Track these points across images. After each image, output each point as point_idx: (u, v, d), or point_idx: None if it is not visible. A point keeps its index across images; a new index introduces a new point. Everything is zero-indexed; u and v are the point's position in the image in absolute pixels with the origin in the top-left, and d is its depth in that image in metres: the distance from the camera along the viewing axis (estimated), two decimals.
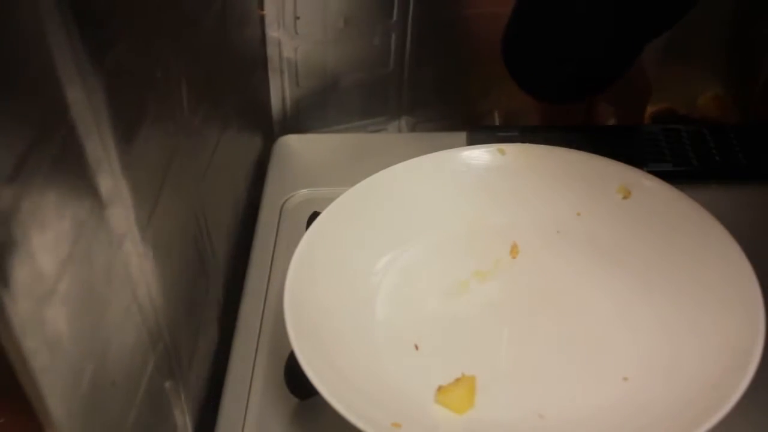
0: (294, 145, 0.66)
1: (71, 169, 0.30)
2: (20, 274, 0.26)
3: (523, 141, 0.56)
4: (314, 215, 0.52)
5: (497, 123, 0.72)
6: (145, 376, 0.38)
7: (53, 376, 0.28)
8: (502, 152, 0.55)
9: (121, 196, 0.34)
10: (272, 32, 0.63)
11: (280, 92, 0.67)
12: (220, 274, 0.53)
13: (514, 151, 0.55)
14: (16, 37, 0.26)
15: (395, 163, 0.53)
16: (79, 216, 0.31)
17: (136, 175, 0.36)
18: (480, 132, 0.62)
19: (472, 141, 0.61)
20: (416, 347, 0.47)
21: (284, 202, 0.60)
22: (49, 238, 0.28)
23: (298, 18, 0.63)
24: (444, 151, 0.55)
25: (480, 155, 0.55)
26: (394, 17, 0.65)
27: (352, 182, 0.52)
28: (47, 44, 0.28)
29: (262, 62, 0.65)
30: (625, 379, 0.44)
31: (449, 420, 0.43)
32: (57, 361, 0.29)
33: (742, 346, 0.41)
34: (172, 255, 0.42)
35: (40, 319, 0.28)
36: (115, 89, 0.33)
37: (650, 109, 0.71)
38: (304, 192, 0.60)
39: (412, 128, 0.72)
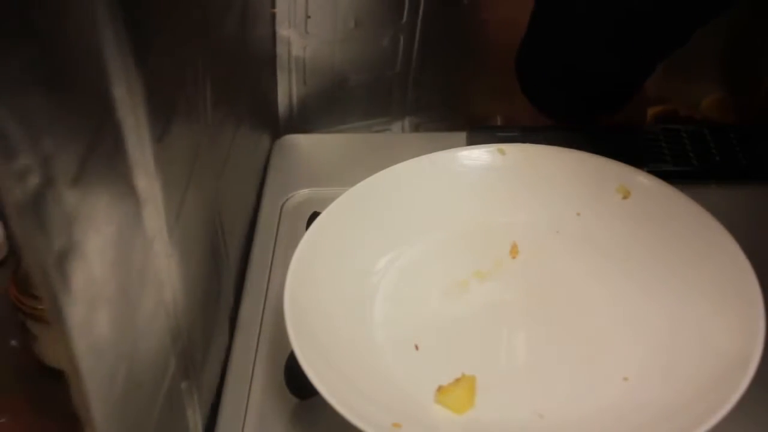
0: (294, 145, 0.66)
1: (118, 170, 0.30)
2: (78, 278, 0.26)
3: (523, 141, 0.56)
4: (314, 215, 0.52)
5: (503, 124, 0.72)
6: (167, 377, 0.38)
7: (96, 379, 0.29)
8: (502, 152, 0.55)
9: (154, 196, 0.34)
10: (282, 31, 0.63)
11: (287, 91, 0.67)
12: (232, 273, 0.53)
13: (514, 151, 0.55)
14: (75, 38, 0.26)
15: (396, 163, 0.53)
16: (124, 218, 0.31)
17: (167, 174, 0.36)
18: (480, 132, 0.62)
19: (472, 141, 0.61)
20: (416, 347, 0.47)
21: (284, 202, 0.60)
22: (101, 241, 0.28)
23: (309, 17, 0.63)
24: (444, 151, 0.55)
25: (480, 155, 0.55)
26: (404, 19, 0.65)
27: (353, 182, 0.52)
28: (100, 45, 0.28)
29: (271, 61, 0.65)
30: (625, 379, 0.44)
31: (449, 420, 0.43)
32: (99, 364, 0.29)
33: (742, 346, 0.41)
34: (194, 255, 0.43)
35: (89, 322, 0.28)
36: (152, 89, 0.33)
37: (653, 110, 0.71)
38: (304, 192, 0.60)
39: (416, 129, 0.72)
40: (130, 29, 0.30)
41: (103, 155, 0.28)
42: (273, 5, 0.62)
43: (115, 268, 0.30)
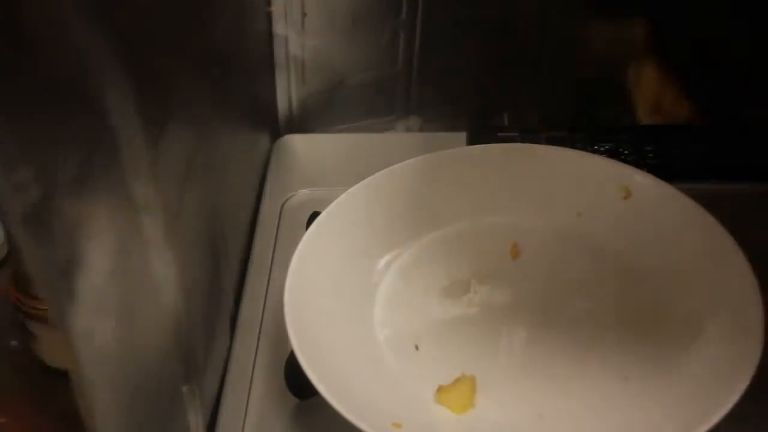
0: (294, 144, 0.66)
1: (115, 178, 0.30)
2: (83, 287, 0.26)
3: (523, 141, 0.56)
4: (314, 215, 0.52)
5: (506, 123, 0.72)
6: (168, 382, 0.38)
7: (100, 387, 0.29)
8: (502, 152, 0.55)
9: (151, 202, 0.34)
10: (279, 29, 0.63)
11: (286, 90, 0.67)
12: (233, 275, 0.53)
13: (515, 151, 0.55)
14: (68, 50, 0.26)
15: (395, 163, 0.53)
16: (122, 225, 0.31)
17: (163, 178, 0.36)
18: (480, 132, 0.62)
19: (472, 141, 0.61)
20: (416, 347, 0.47)
21: (284, 202, 0.60)
22: (102, 249, 0.28)
23: (305, 15, 0.62)
24: (444, 151, 0.55)
25: (480, 155, 0.55)
26: (403, 15, 0.65)
27: (353, 182, 0.52)
28: (91, 52, 0.28)
29: (269, 60, 0.64)
30: (625, 379, 0.44)
31: (449, 420, 0.43)
32: (103, 372, 0.29)
33: (741, 346, 0.41)
34: (193, 257, 0.42)
35: (93, 331, 0.28)
36: (145, 93, 0.33)
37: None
38: (304, 192, 0.60)
39: (420, 128, 0.72)
40: (121, 36, 0.30)
41: (99, 164, 0.28)
42: (269, 3, 0.62)
43: (116, 275, 0.30)
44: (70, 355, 0.26)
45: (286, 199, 0.60)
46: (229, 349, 0.50)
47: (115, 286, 0.30)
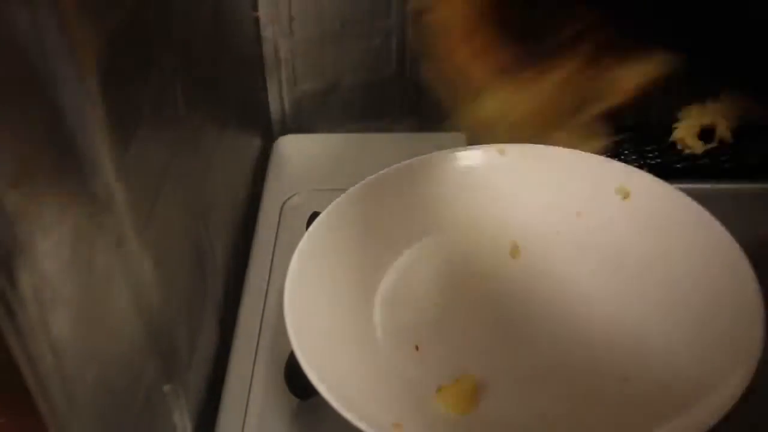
0: (294, 145, 0.66)
1: (71, 172, 0.30)
2: (27, 278, 0.26)
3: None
4: (314, 215, 0.52)
5: None
6: (144, 380, 0.38)
7: (58, 381, 0.28)
8: (501, 152, 0.55)
9: (118, 200, 0.34)
10: (267, 33, 0.63)
11: (277, 93, 0.67)
12: (220, 274, 0.53)
13: (514, 151, 0.55)
14: (16, 40, 0.26)
15: (395, 164, 0.53)
16: (79, 220, 0.31)
17: (133, 178, 0.35)
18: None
19: (472, 141, 0.61)
20: (416, 348, 0.47)
21: (284, 202, 0.60)
22: (51, 242, 0.28)
23: (293, 19, 0.62)
24: (444, 151, 0.55)
25: (480, 155, 0.55)
26: (392, 18, 0.65)
27: (353, 182, 0.52)
28: (45, 45, 0.28)
29: (259, 63, 0.64)
30: (625, 379, 0.44)
31: (450, 420, 0.43)
32: (61, 366, 0.29)
33: (742, 346, 0.41)
34: (171, 257, 0.42)
35: (45, 323, 0.28)
36: (111, 91, 0.33)
37: None
38: (304, 192, 0.60)
39: (417, 129, 0.72)
40: (81, 29, 0.30)
41: (51, 157, 0.28)
42: (255, 8, 0.62)
43: (73, 268, 0.30)
44: (20, 349, 0.26)
45: (286, 200, 0.60)
46: (229, 348, 0.50)
47: (72, 279, 0.30)
